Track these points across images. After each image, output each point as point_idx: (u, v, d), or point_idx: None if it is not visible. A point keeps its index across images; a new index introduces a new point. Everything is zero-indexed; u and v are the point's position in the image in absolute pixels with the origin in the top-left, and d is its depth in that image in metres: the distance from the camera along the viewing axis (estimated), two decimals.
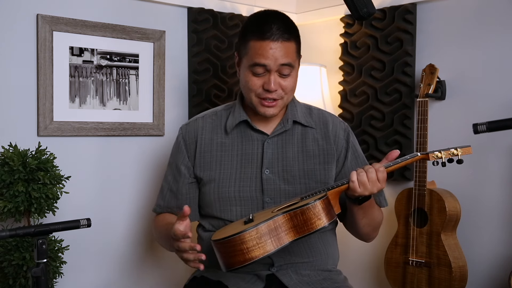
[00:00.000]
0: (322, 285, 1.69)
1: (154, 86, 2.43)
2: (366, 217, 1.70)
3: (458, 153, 1.57)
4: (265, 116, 1.70)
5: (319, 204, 1.48)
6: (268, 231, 1.45)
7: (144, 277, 2.46)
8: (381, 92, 2.56)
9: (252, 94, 1.68)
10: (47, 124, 2.13)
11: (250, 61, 1.64)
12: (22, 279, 1.87)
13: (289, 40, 1.64)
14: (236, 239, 1.43)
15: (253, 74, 1.65)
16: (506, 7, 2.22)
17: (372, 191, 1.53)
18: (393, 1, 2.50)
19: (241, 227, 1.49)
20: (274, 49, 1.61)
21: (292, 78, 1.68)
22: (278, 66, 1.63)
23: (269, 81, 1.63)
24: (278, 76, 1.65)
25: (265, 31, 1.62)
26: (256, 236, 1.44)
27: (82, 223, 1.54)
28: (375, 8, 1.59)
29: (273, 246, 1.46)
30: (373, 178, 1.52)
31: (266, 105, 1.67)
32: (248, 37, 1.65)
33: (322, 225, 1.48)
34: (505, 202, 2.23)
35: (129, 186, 2.40)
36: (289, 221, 1.48)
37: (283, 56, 1.63)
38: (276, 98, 1.67)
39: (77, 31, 2.19)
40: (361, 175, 1.52)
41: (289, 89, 1.68)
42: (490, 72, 2.27)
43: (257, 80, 1.65)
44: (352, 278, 1.94)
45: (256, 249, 1.44)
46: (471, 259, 2.27)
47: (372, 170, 1.52)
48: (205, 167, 1.75)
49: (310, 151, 1.75)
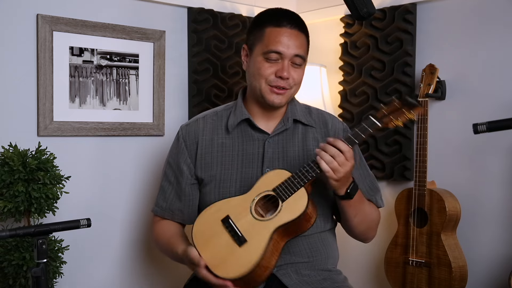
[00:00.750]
0: (322, 285, 1.69)
1: (154, 86, 2.43)
2: (359, 214, 1.70)
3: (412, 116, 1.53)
4: (273, 105, 1.70)
5: (308, 210, 1.52)
6: (271, 252, 1.51)
7: (144, 277, 2.46)
8: (381, 92, 2.56)
9: (262, 81, 1.68)
10: (47, 124, 2.13)
11: (265, 48, 1.67)
12: (22, 279, 1.87)
13: (303, 32, 1.70)
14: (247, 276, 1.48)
15: (266, 60, 1.67)
16: (506, 7, 2.22)
17: (346, 171, 1.53)
18: (393, 1, 2.50)
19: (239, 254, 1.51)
20: (290, 37, 1.66)
21: (301, 71, 1.72)
22: (292, 55, 1.66)
23: (282, 68, 1.66)
24: (290, 66, 1.68)
25: (283, 19, 1.68)
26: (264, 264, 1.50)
27: (82, 223, 1.54)
28: (375, 8, 1.59)
29: (275, 258, 1.53)
30: (342, 161, 1.52)
31: (276, 92, 1.68)
32: (264, 25, 1.69)
33: (313, 223, 1.57)
34: (505, 202, 2.23)
35: (129, 186, 2.40)
36: (282, 232, 1.54)
37: (298, 46, 1.67)
38: (287, 87, 1.68)
39: (77, 31, 2.20)
40: (332, 163, 1.51)
41: (298, 81, 1.71)
42: (490, 72, 2.27)
43: (270, 66, 1.67)
44: (352, 278, 1.94)
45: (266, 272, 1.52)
46: (471, 259, 2.27)
47: (338, 154, 1.52)
48: (206, 168, 1.75)
49: (311, 151, 1.74)
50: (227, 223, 1.56)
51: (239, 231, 1.54)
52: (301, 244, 1.70)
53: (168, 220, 1.82)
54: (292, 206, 1.52)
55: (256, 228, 1.53)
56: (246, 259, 1.48)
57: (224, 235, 1.55)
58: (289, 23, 1.67)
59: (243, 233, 1.53)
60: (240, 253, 1.51)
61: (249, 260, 1.47)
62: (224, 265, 1.51)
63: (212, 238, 1.56)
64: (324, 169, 1.52)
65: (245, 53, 1.76)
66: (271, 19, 1.69)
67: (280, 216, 1.53)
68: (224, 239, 1.55)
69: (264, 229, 1.51)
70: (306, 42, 1.72)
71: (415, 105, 1.53)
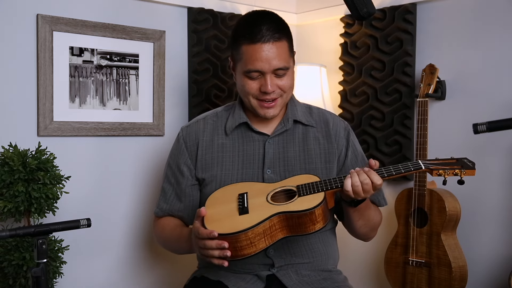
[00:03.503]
0: (322, 285, 1.69)
1: (154, 86, 2.43)
2: (363, 218, 1.71)
3: (462, 174, 1.53)
4: (266, 118, 1.70)
5: (317, 211, 1.50)
6: (263, 231, 1.49)
7: (144, 277, 2.46)
8: (381, 92, 2.56)
9: (250, 97, 1.68)
10: (47, 124, 2.13)
11: (244, 67, 1.64)
12: (22, 279, 1.87)
13: (281, 40, 1.63)
14: (231, 238, 1.47)
15: (249, 78, 1.65)
16: (506, 7, 2.22)
17: (365, 197, 1.54)
18: (393, 1, 2.50)
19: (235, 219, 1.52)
20: (267, 51, 1.60)
21: (288, 77, 1.68)
22: (272, 70, 1.63)
23: (265, 84, 1.63)
24: (274, 77, 1.65)
25: (255, 34, 1.61)
26: (251, 237, 1.48)
27: (82, 223, 1.54)
28: (375, 8, 1.59)
29: (265, 244, 1.51)
30: (368, 189, 1.52)
31: (265, 107, 1.67)
32: (239, 42, 1.65)
33: (317, 229, 1.52)
34: (505, 202, 2.23)
35: (129, 186, 2.40)
36: (283, 221, 1.52)
37: (277, 59, 1.62)
38: (275, 97, 1.67)
39: (77, 31, 2.19)
40: (356, 187, 1.51)
41: (287, 87, 1.68)
42: (490, 72, 2.27)
43: (254, 83, 1.65)
44: (352, 278, 1.94)
45: (249, 247, 1.49)
46: (471, 259, 2.27)
47: (368, 182, 1.51)
48: (207, 168, 1.75)
49: (312, 150, 1.74)
50: (241, 196, 1.59)
51: (246, 204, 1.56)
52: (301, 245, 1.70)
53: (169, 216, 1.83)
54: (304, 201, 1.52)
55: (262, 207, 1.54)
56: (238, 224, 1.49)
57: (233, 204, 1.58)
58: (263, 36, 1.59)
59: (249, 207, 1.55)
60: (236, 219, 1.52)
61: (239, 226, 1.48)
62: (217, 223, 1.52)
63: (222, 203, 1.60)
64: (345, 187, 1.51)
65: (231, 65, 1.75)
66: (245, 34, 1.62)
67: (288, 205, 1.53)
68: (230, 207, 1.58)
69: (268, 209, 1.52)
70: (286, 47, 1.65)
71: (470, 168, 1.53)
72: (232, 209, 1.57)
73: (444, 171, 1.53)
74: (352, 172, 1.53)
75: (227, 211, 1.56)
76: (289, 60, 1.67)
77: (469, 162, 1.56)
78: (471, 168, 1.54)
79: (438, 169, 1.53)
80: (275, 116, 1.71)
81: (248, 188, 1.62)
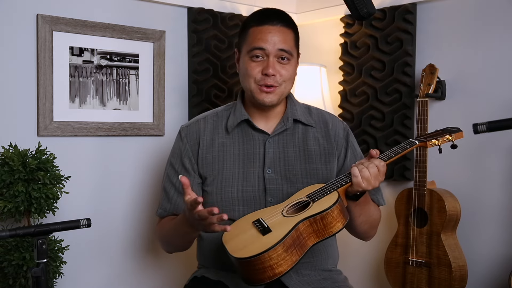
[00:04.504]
0: (322, 284, 1.69)
1: (154, 86, 2.43)
2: (363, 214, 1.71)
3: (452, 138, 1.66)
4: (263, 104, 1.69)
5: (336, 208, 1.51)
6: (293, 241, 1.47)
7: (144, 277, 2.46)
8: (381, 92, 2.56)
9: (251, 81, 1.69)
10: (47, 124, 2.13)
11: (249, 47, 1.68)
12: (22, 279, 1.87)
13: (288, 27, 1.70)
14: (264, 257, 1.43)
15: (252, 60, 1.68)
16: (506, 7, 2.22)
17: (374, 185, 1.55)
18: (393, 1, 2.50)
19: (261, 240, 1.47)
20: (273, 33, 1.66)
21: (291, 67, 1.70)
22: (277, 50, 1.66)
23: (267, 65, 1.66)
24: (277, 62, 1.67)
25: (265, 17, 1.69)
26: (282, 251, 1.45)
27: (82, 223, 1.54)
28: (375, 8, 1.59)
29: (297, 255, 1.48)
30: (375, 173, 1.55)
31: (265, 91, 1.68)
32: (248, 26, 1.71)
33: (341, 226, 1.53)
34: (505, 202, 2.23)
35: (129, 186, 2.40)
36: (309, 227, 1.51)
37: (282, 41, 1.67)
38: (275, 84, 1.68)
39: (77, 31, 2.20)
40: (364, 171, 1.54)
41: (287, 77, 1.70)
42: (490, 72, 2.27)
43: (256, 65, 1.68)
44: (352, 278, 1.94)
45: (284, 263, 1.45)
46: (471, 259, 2.27)
47: (373, 165, 1.55)
48: (208, 168, 1.74)
49: (312, 151, 1.75)
50: (257, 221, 1.56)
51: (266, 225, 1.53)
52: None
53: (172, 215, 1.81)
54: (321, 204, 1.52)
55: (283, 222, 1.52)
56: (266, 243, 1.45)
57: (251, 230, 1.54)
58: (271, 20, 1.68)
59: (270, 226, 1.53)
60: (262, 240, 1.49)
61: (268, 244, 1.45)
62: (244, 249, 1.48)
63: (240, 234, 1.55)
64: (353, 173, 1.54)
65: (237, 56, 1.78)
66: (254, 19, 1.71)
67: (308, 212, 1.52)
68: (250, 233, 1.53)
69: (290, 222, 1.51)
70: (292, 36, 1.71)
71: (457, 131, 1.67)
72: (253, 234, 1.53)
73: (437, 139, 1.67)
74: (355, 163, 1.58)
75: (250, 238, 1.52)
76: (294, 49, 1.72)
77: (454, 128, 1.70)
78: (459, 131, 1.68)
79: (431, 139, 1.67)
80: (272, 103, 1.70)
81: (259, 215, 1.60)
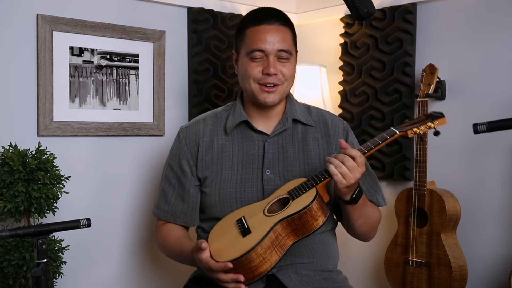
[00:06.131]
0: (322, 285, 1.69)
1: (154, 86, 2.43)
2: (362, 217, 1.70)
3: (434, 125, 1.57)
4: (265, 104, 1.69)
5: (314, 206, 1.52)
6: (271, 243, 1.51)
7: (144, 277, 2.46)
8: (381, 92, 2.56)
9: (251, 81, 1.68)
10: (47, 124, 2.13)
11: (248, 48, 1.67)
12: (22, 279, 1.87)
13: (285, 26, 1.69)
14: (243, 260, 1.48)
15: (252, 60, 1.67)
16: (506, 7, 2.22)
17: (356, 177, 1.53)
18: (393, 1, 2.51)
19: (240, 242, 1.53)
20: (271, 32, 1.65)
21: (291, 65, 1.70)
22: (276, 51, 1.65)
23: (268, 65, 1.65)
24: (277, 61, 1.67)
25: (262, 17, 1.68)
26: (261, 252, 1.49)
27: (82, 223, 1.54)
28: (375, 8, 1.59)
29: (277, 255, 1.52)
30: (352, 166, 1.52)
31: (266, 91, 1.67)
32: (245, 26, 1.70)
33: (321, 223, 1.54)
34: (505, 202, 2.23)
35: (129, 186, 2.40)
36: (287, 227, 1.54)
37: (281, 41, 1.66)
38: (277, 83, 1.67)
39: (77, 31, 2.20)
40: (340, 167, 1.51)
41: (288, 75, 1.69)
42: (490, 72, 2.27)
43: (256, 65, 1.67)
44: (352, 278, 1.94)
45: (264, 264, 1.50)
46: (471, 259, 2.27)
47: (348, 159, 1.52)
48: (207, 169, 1.74)
49: (311, 151, 1.74)
50: (240, 221, 1.60)
51: (247, 225, 1.57)
52: (301, 245, 1.69)
53: (172, 224, 1.81)
54: (299, 202, 1.54)
55: (263, 222, 1.55)
56: (244, 246, 1.50)
57: (234, 230, 1.59)
58: (268, 19, 1.66)
59: (250, 227, 1.56)
60: (242, 242, 1.53)
61: (246, 247, 1.49)
62: (225, 253, 1.53)
63: (224, 234, 1.60)
64: (332, 172, 1.52)
65: (235, 58, 1.77)
66: (251, 19, 1.70)
67: (286, 211, 1.54)
68: (233, 234, 1.58)
69: (269, 222, 1.54)
70: (290, 35, 1.70)
71: (439, 117, 1.56)
72: (234, 235, 1.57)
73: (418, 128, 1.57)
74: (328, 158, 1.55)
75: (231, 239, 1.57)
76: (292, 47, 1.71)
77: (437, 113, 1.60)
78: (441, 117, 1.57)
79: (411, 128, 1.57)
80: (274, 103, 1.70)
81: (243, 212, 1.63)
